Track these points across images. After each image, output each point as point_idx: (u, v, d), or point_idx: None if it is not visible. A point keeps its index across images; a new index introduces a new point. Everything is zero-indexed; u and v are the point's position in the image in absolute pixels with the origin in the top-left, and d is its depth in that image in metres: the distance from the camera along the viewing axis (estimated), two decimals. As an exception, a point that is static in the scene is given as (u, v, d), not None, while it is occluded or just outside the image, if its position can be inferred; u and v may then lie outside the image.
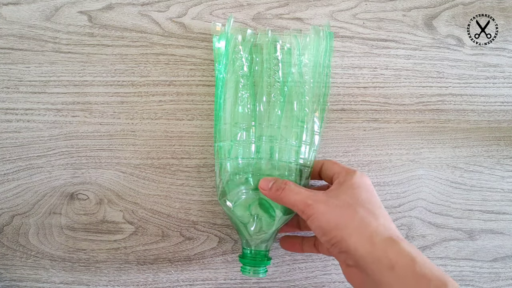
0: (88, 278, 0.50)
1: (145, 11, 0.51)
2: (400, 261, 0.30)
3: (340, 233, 0.33)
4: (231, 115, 0.43)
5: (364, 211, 0.34)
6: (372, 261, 0.31)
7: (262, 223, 0.42)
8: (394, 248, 0.31)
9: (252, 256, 0.43)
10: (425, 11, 0.53)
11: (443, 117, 0.53)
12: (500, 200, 0.53)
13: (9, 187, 0.50)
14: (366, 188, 0.36)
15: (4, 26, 0.50)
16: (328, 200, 0.35)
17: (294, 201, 0.36)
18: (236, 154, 0.43)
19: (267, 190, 0.39)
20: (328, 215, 0.34)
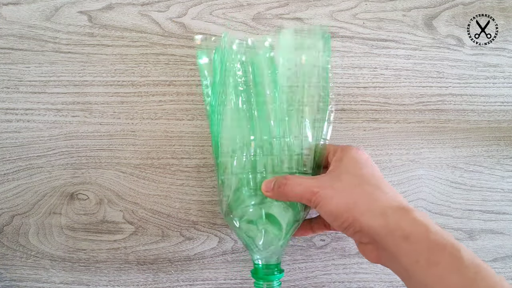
0: (88, 278, 0.50)
1: (145, 11, 0.51)
2: (414, 230, 0.30)
3: (351, 214, 0.33)
4: (230, 130, 0.42)
5: (370, 187, 0.34)
6: (386, 234, 0.31)
7: (270, 236, 0.41)
8: (406, 218, 0.31)
9: (264, 270, 0.42)
10: (425, 11, 0.53)
11: (443, 117, 0.53)
12: (500, 200, 0.53)
13: (9, 187, 0.50)
14: (365, 163, 0.36)
15: (4, 26, 0.50)
16: (332, 183, 0.35)
17: (299, 193, 0.36)
18: (237, 169, 0.41)
19: (270, 191, 0.38)
20: (336, 199, 0.33)
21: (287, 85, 0.43)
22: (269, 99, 0.42)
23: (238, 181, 0.41)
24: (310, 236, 0.50)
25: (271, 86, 0.42)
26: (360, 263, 0.51)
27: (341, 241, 0.51)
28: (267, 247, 0.41)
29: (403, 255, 0.30)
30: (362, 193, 0.33)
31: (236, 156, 0.41)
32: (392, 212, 0.32)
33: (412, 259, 0.30)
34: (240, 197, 0.42)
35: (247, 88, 0.43)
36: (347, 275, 0.51)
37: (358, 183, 0.34)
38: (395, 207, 0.32)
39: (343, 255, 0.51)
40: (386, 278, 0.51)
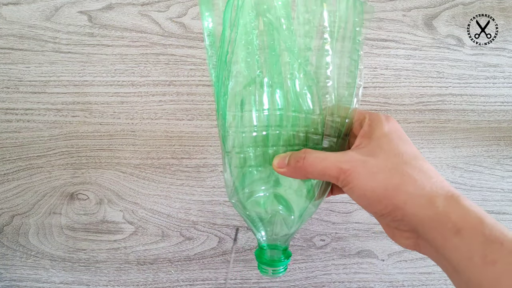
0: (88, 278, 0.50)
1: (145, 11, 0.51)
2: (466, 223, 0.26)
3: (391, 201, 0.28)
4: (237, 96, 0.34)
5: (412, 170, 0.28)
6: (434, 226, 0.27)
7: (280, 223, 0.36)
8: (458, 209, 0.27)
9: (270, 254, 0.37)
10: (425, 11, 0.53)
11: (443, 117, 0.53)
12: (500, 200, 0.53)
13: (9, 187, 0.50)
14: (401, 136, 0.30)
15: (4, 26, 0.50)
16: (366, 161, 0.29)
17: (323, 169, 0.29)
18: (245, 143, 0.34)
19: (285, 167, 0.32)
20: (372, 182, 0.28)
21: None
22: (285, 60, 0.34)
23: (245, 158, 0.34)
24: (329, 197, 0.41)
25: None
26: (360, 263, 0.51)
27: (341, 241, 0.51)
28: (276, 234, 0.37)
29: (453, 250, 0.26)
30: (404, 176, 0.28)
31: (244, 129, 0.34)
32: (441, 201, 0.27)
33: (464, 255, 0.26)
34: (246, 177, 0.35)
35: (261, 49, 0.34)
36: (347, 275, 0.51)
37: (397, 163, 0.28)
38: (444, 195, 0.27)
39: (343, 255, 0.51)
40: (386, 278, 0.51)
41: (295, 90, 0.33)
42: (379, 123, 0.31)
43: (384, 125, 0.30)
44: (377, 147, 0.29)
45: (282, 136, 0.34)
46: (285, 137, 0.34)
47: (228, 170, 0.35)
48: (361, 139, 0.31)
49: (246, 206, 0.36)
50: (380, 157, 0.29)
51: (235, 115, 0.34)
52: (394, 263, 0.51)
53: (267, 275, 0.38)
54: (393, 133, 0.30)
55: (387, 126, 0.30)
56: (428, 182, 0.28)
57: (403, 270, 0.51)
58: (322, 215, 0.52)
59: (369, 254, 0.52)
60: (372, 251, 0.52)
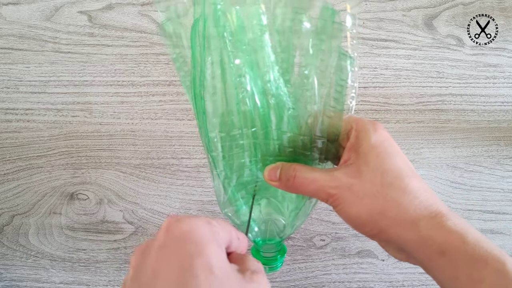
0: (88, 278, 0.50)
1: (145, 11, 0.51)
2: (449, 245, 0.26)
3: (376, 226, 0.28)
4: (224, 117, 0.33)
5: (396, 192, 0.28)
6: (418, 249, 0.27)
7: (274, 227, 0.37)
8: (440, 231, 0.27)
9: (265, 253, 0.37)
10: (425, 11, 0.53)
11: (443, 117, 0.53)
12: (500, 200, 0.53)
13: (9, 187, 0.50)
14: (387, 150, 0.30)
15: (4, 26, 0.50)
16: (351, 184, 0.29)
17: (312, 191, 0.30)
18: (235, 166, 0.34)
19: (277, 181, 0.32)
20: (357, 207, 0.29)
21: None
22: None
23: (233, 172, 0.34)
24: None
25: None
26: (360, 263, 0.51)
27: (341, 241, 0.51)
28: (270, 240, 0.37)
29: (440, 270, 0.27)
30: (387, 201, 0.28)
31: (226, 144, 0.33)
32: (424, 223, 0.27)
33: (451, 276, 0.26)
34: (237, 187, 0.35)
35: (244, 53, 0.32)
36: (347, 275, 0.51)
37: (382, 185, 0.29)
38: (427, 217, 0.28)
39: (343, 255, 0.51)
40: (386, 278, 0.51)
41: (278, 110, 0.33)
42: (366, 135, 0.30)
43: (371, 137, 0.30)
44: (364, 164, 0.29)
45: (270, 147, 0.34)
46: (273, 149, 0.34)
47: (216, 178, 0.35)
48: (349, 153, 0.31)
49: (239, 216, 0.36)
50: (365, 178, 0.29)
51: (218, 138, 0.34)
52: (394, 263, 0.51)
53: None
54: (380, 145, 0.30)
55: (374, 137, 0.30)
56: (412, 205, 0.28)
57: (403, 270, 0.51)
58: (322, 215, 0.52)
59: (369, 254, 0.52)
60: (372, 251, 0.52)
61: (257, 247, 0.38)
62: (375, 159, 0.29)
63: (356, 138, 0.31)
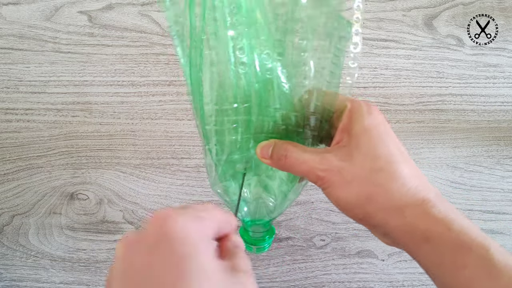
0: (88, 278, 0.50)
1: (145, 11, 0.51)
2: (434, 232, 0.27)
3: (363, 210, 0.28)
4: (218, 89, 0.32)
5: (385, 178, 0.28)
6: (403, 235, 0.28)
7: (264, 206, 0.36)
8: (425, 218, 0.27)
9: (253, 232, 0.37)
10: (425, 11, 0.53)
11: (443, 117, 0.53)
12: (500, 200, 0.53)
13: (9, 187, 0.50)
14: (380, 134, 0.30)
15: (4, 26, 0.50)
16: (342, 168, 0.29)
17: (302, 172, 0.30)
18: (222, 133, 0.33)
19: (269, 159, 0.32)
20: (346, 191, 0.29)
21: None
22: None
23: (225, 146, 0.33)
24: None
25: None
26: (360, 263, 0.51)
27: (341, 241, 0.51)
28: (259, 219, 0.37)
29: (424, 257, 0.27)
30: (375, 186, 0.28)
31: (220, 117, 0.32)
32: (410, 210, 0.27)
33: (435, 262, 0.27)
34: (228, 164, 0.34)
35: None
36: (347, 275, 0.51)
37: (371, 170, 0.28)
38: (413, 204, 0.28)
39: (343, 255, 0.51)
40: (386, 278, 0.51)
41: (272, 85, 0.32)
42: (360, 116, 0.30)
43: (365, 119, 0.30)
44: (355, 147, 0.29)
45: (263, 124, 0.33)
46: (266, 125, 0.33)
47: (208, 154, 0.34)
48: (341, 133, 0.30)
49: (229, 194, 0.36)
50: (356, 161, 0.29)
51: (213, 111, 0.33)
52: (394, 263, 0.51)
53: (252, 252, 0.37)
54: (373, 129, 0.29)
55: (368, 120, 0.30)
56: (399, 192, 0.28)
57: (403, 270, 0.51)
58: (322, 215, 0.52)
59: (369, 254, 0.52)
60: (372, 251, 0.52)
61: (246, 227, 0.37)
62: (367, 143, 0.29)
63: (350, 118, 0.30)
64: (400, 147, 0.30)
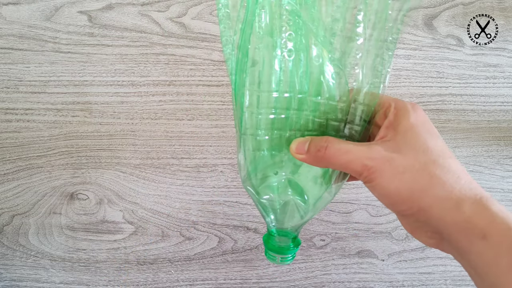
0: (88, 278, 0.50)
1: (145, 11, 0.51)
2: (493, 229, 0.25)
3: (416, 204, 0.27)
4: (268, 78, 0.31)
5: (440, 170, 0.27)
6: (459, 231, 0.26)
7: (294, 210, 0.35)
8: (485, 214, 0.26)
9: (279, 241, 0.36)
10: (425, 11, 0.53)
11: (443, 117, 0.53)
12: (500, 200, 0.53)
13: (9, 187, 0.50)
14: (429, 129, 0.29)
15: (4, 26, 0.50)
16: (392, 158, 0.27)
17: (346, 162, 0.28)
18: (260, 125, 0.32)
19: (305, 154, 0.30)
20: (397, 183, 0.27)
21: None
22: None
23: (260, 141, 0.33)
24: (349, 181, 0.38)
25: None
26: (360, 263, 0.51)
27: (341, 241, 0.51)
28: (287, 222, 0.35)
29: (478, 254, 0.26)
30: (431, 178, 0.26)
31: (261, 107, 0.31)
32: (469, 205, 0.26)
33: (490, 261, 0.25)
34: (261, 161, 0.33)
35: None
36: (347, 275, 0.51)
37: (425, 162, 0.27)
38: (472, 198, 0.26)
39: (343, 255, 0.51)
40: (386, 278, 0.51)
41: (318, 74, 0.31)
42: (406, 113, 0.29)
43: (411, 116, 0.29)
44: (403, 142, 0.28)
45: (301, 120, 0.32)
46: (304, 121, 0.32)
47: (242, 153, 0.33)
48: (386, 130, 0.29)
49: (259, 191, 0.35)
50: (407, 154, 0.27)
51: (253, 94, 0.31)
52: (394, 263, 0.51)
53: (275, 262, 0.36)
54: (420, 125, 0.29)
55: (414, 116, 0.29)
56: (457, 184, 0.27)
57: (403, 270, 0.51)
58: (322, 215, 0.52)
59: (369, 254, 0.52)
60: (372, 251, 0.52)
61: (270, 235, 0.36)
62: (416, 137, 0.28)
63: (395, 115, 0.29)
64: (447, 147, 0.29)
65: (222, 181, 0.51)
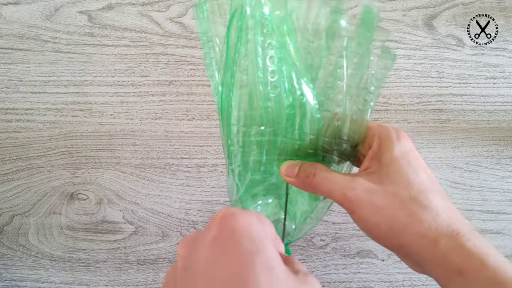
0: (88, 278, 0.50)
1: (145, 11, 0.51)
2: (468, 266, 0.26)
3: (397, 240, 0.28)
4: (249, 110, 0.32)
5: (419, 208, 0.28)
6: (436, 266, 0.27)
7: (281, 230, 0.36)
8: (461, 251, 0.27)
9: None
10: (425, 11, 0.53)
11: (443, 117, 0.53)
12: (500, 200, 0.53)
13: (9, 187, 0.50)
14: (411, 162, 0.29)
15: (4, 26, 0.50)
16: (372, 192, 0.28)
17: (328, 191, 0.29)
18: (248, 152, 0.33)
19: (294, 177, 0.31)
20: (377, 218, 0.28)
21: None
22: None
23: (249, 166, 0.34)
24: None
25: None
26: (360, 263, 0.51)
27: (341, 241, 0.51)
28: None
29: None
30: (410, 216, 0.27)
31: (247, 137, 0.33)
32: (445, 241, 0.27)
33: None
34: (251, 185, 0.35)
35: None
36: (347, 275, 0.51)
37: (405, 199, 0.28)
38: (448, 235, 0.27)
39: (343, 255, 0.51)
40: (386, 278, 0.51)
41: (303, 107, 0.32)
42: (390, 144, 0.29)
43: (395, 147, 0.29)
44: (386, 175, 0.29)
45: (289, 146, 0.33)
46: (291, 148, 0.33)
47: (231, 174, 0.34)
48: (370, 161, 0.30)
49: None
50: (388, 188, 0.28)
51: (240, 132, 0.33)
52: (394, 263, 0.51)
53: None
54: (403, 158, 0.29)
55: (398, 148, 0.29)
56: (435, 222, 0.27)
57: (403, 270, 0.51)
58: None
59: (369, 254, 0.52)
60: (372, 251, 0.52)
61: None
62: (398, 171, 0.29)
63: (379, 146, 0.30)
64: (431, 175, 0.30)
65: (222, 181, 0.50)
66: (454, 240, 0.27)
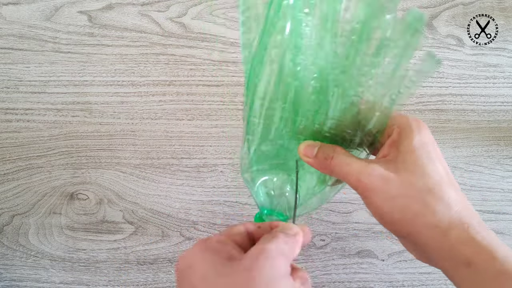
0: (88, 278, 0.50)
1: (145, 11, 0.51)
2: (477, 257, 0.26)
3: (406, 227, 0.28)
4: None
5: (434, 199, 0.28)
6: (444, 258, 0.28)
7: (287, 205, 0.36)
8: (470, 243, 0.27)
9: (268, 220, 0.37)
10: (425, 11, 0.53)
11: (443, 117, 0.53)
12: (500, 200, 0.53)
13: (9, 187, 0.50)
14: (430, 153, 0.29)
15: (4, 26, 0.50)
16: (387, 179, 0.28)
17: (344, 174, 0.29)
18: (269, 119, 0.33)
19: (312, 158, 0.31)
20: (389, 205, 0.28)
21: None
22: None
23: (267, 133, 0.33)
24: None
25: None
26: (360, 263, 0.51)
27: (341, 241, 0.51)
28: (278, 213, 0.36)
29: (463, 280, 0.27)
30: (424, 206, 0.27)
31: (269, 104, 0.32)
32: (455, 233, 0.27)
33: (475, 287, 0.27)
34: (263, 154, 0.34)
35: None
36: (347, 275, 0.51)
37: (420, 189, 0.28)
38: (459, 228, 0.27)
39: (343, 255, 0.51)
40: (386, 278, 0.51)
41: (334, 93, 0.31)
42: (409, 133, 0.29)
43: (415, 137, 0.29)
44: (403, 164, 0.28)
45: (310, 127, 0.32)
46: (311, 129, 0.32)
47: (246, 143, 0.34)
48: (389, 148, 0.30)
49: (255, 183, 0.36)
50: (404, 177, 0.28)
51: (265, 105, 0.32)
52: (394, 263, 0.51)
53: None
54: (422, 148, 0.29)
55: (417, 138, 0.29)
56: (447, 214, 0.28)
57: (403, 270, 0.51)
58: (322, 215, 0.52)
59: (369, 254, 0.52)
60: (372, 251, 0.52)
61: (262, 215, 0.38)
62: (415, 161, 0.28)
63: (399, 134, 0.30)
64: (447, 168, 0.30)
65: (222, 181, 0.51)
66: (464, 232, 0.27)
